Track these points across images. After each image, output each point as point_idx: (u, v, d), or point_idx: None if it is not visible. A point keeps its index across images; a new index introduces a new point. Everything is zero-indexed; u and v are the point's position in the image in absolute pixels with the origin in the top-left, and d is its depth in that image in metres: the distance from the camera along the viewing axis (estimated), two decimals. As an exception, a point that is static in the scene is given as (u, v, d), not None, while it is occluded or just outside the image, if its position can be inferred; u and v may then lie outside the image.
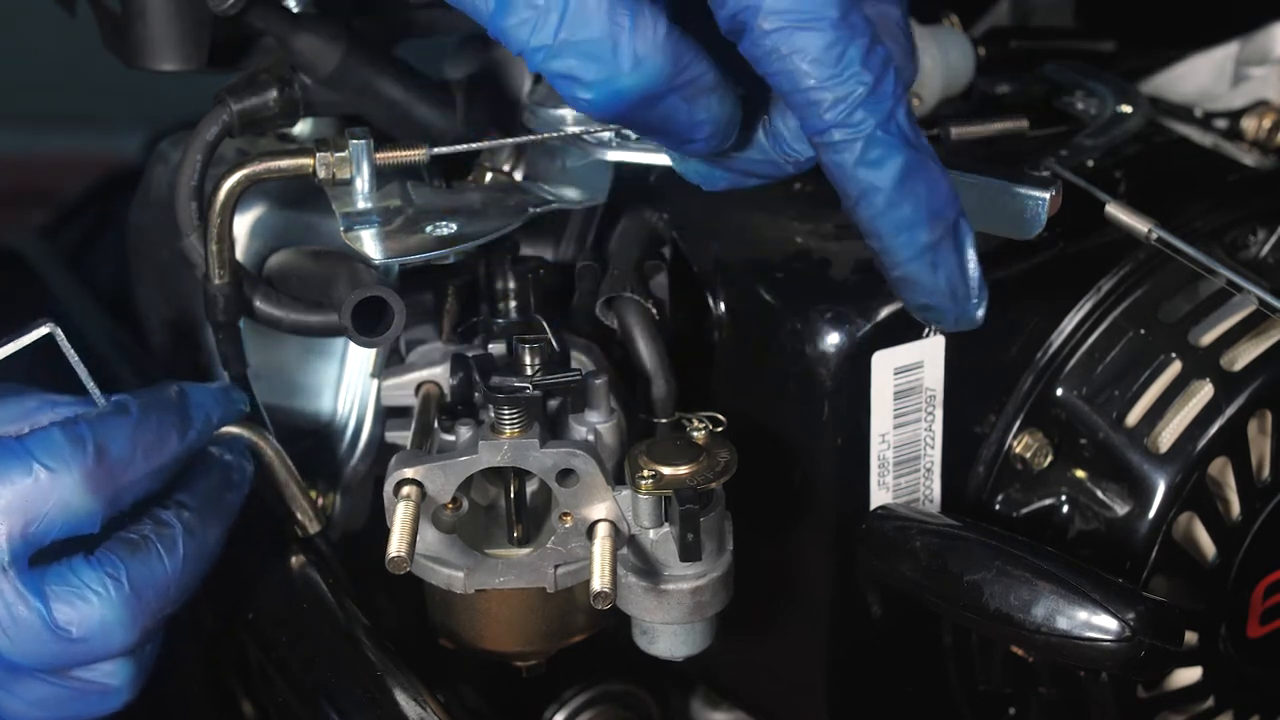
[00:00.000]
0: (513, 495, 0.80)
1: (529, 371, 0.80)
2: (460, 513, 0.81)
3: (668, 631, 0.81)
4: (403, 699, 0.84)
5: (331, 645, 0.86)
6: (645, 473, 0.78)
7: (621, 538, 0.78)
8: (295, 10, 0.89)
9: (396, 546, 0.74)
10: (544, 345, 0.81)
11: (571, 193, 0.89)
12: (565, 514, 0.79)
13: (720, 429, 0.81)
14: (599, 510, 0.78)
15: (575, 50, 0.68)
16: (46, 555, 0.73)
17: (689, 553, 0.77)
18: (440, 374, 0.87)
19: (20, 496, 0.72)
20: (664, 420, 0.85)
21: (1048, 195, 0.82)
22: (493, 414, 0.78)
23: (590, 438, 0.82)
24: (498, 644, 0.85)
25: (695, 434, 0.80)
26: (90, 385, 0.78)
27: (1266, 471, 0.87)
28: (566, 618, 0.85)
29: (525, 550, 0.81)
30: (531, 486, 0.82)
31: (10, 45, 1.86)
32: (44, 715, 0.76)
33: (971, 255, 0.74)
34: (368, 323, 0.80)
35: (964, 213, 0.73)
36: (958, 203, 0.73)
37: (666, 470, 0.78)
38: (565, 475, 0.78)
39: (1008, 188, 0.83)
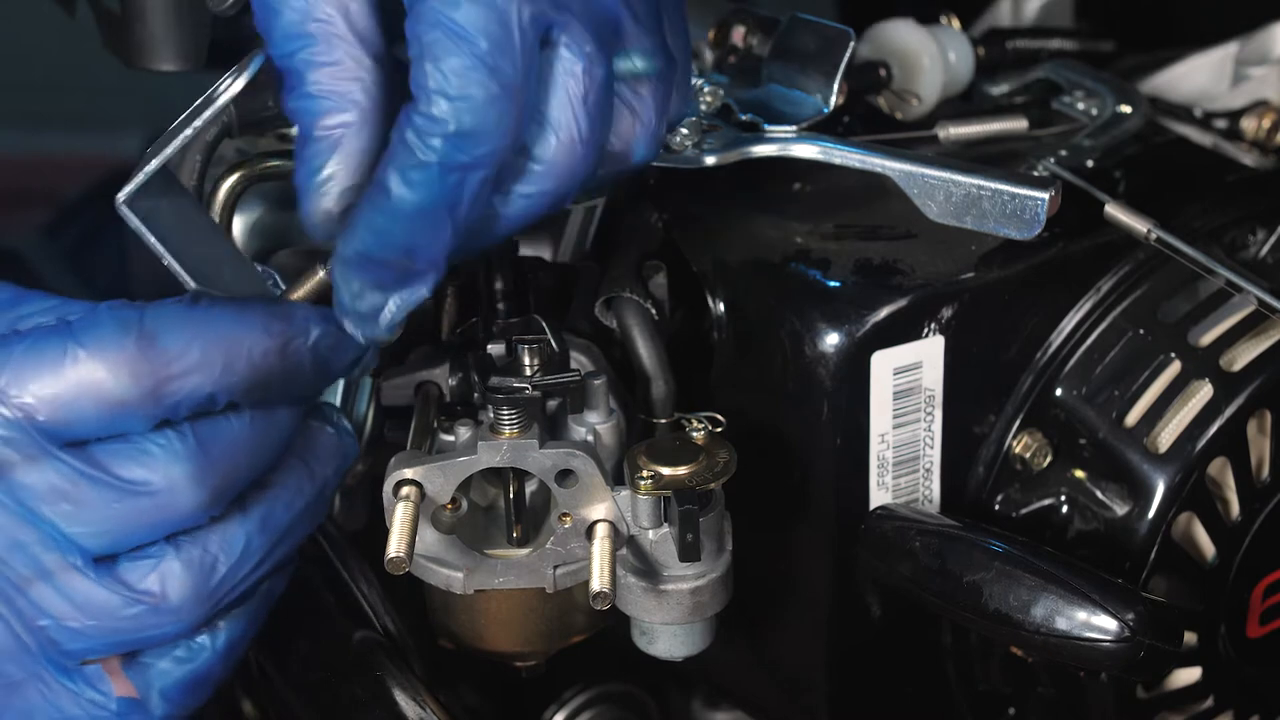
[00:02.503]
0: (512, 496, 0.80)
1: (528, 372, 0.80)
2: (459, 513, 0.81)
3: (667, 632, 0.81)
4: (402, 699, 0.84)
5: (331, 645, 0.86)
6: (644, 473, 0.78)
7: (621, 538, 0.78)
8: (294, 10, 0.89)
9: (395, 547, 0.74)
10: (543, 346, 0.81)
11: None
12: (564, 514, 0.79)
13: (719, 429, 0.81)
14: (598, 511, 0.78)
15: None
16: None
17: (688, 553, 0.77)
18: (439, 374, 0.87)
19: (52, 375, 0.67)
20: (663, 420, 0.85)
21: (1047, 195, 0.82)
22: (492, 414, 0.78)
23: (589, 438, 0.82)
24: (497, 644, 0.85)
25: (694, 434, 0.80)
26: (174, 266, 0.73)
27: (1266, 472, 0.87)
28: (566, 618, 0.85)
29: (524, 551, 0.81)
30: (531, 487, 0.82)
31: (10, 45, 1.87)
32: (98, 628, 0.70)
33: (406, 304, 0.72)
34: None
35: (435, 275, 0.72)
36: (439, 269, 0.71)
37: (666, 471, 0.78)
38: (564, 476, 0.78)
39: (1006, 188, 0.83)
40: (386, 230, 0.70)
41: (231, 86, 0.72)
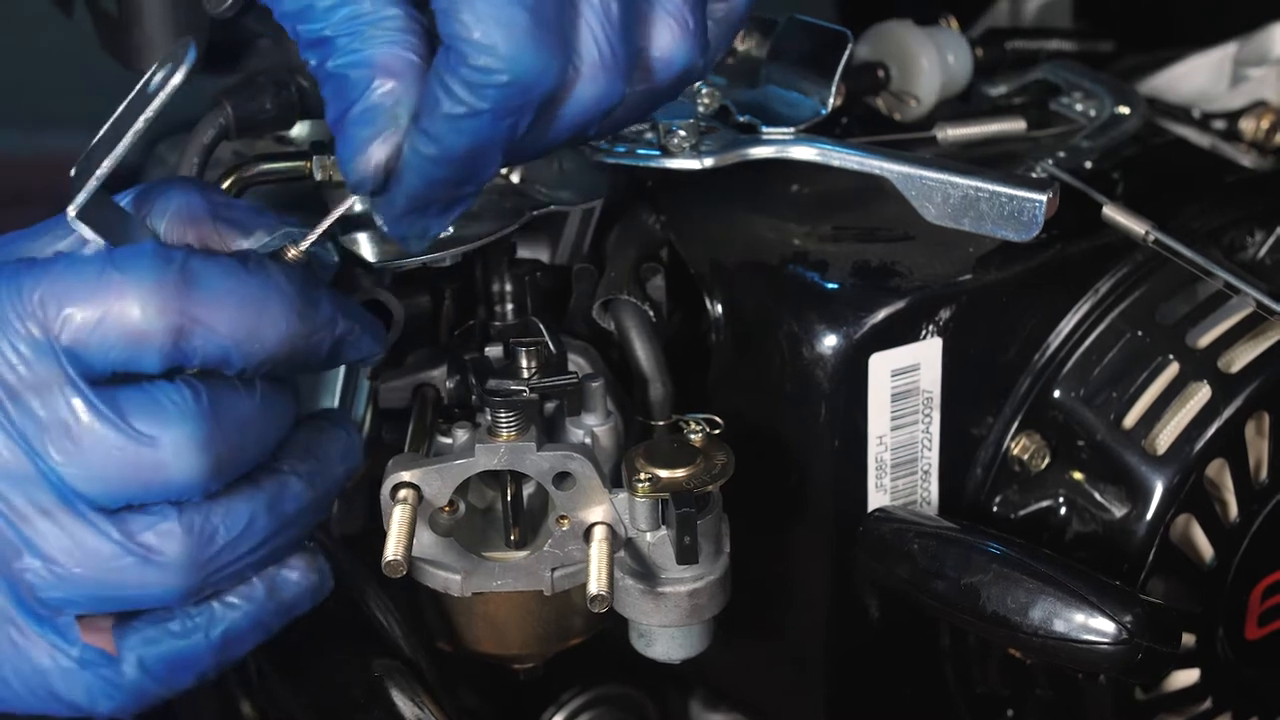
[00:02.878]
0: (510, 498, 0.80)
1: (526, 374, 0.80)
2: (457, 516, 0.81)
3: (665, 634, 0.81)
4: (401, 700, 0.84)
5: (329, 647, 0.86)
6: (642, 475, 0.77)
7: (618, 540, 0.78)
8: (292, 13, 0.89)
9: (393, 550, 0.74)
10: (541, 348, 0.81)
11: (568, 195, 0.89)
12: (562, 517, 0.79)
13: (717, 431, 0.81)
14: (596, 513, 0.78)
15: None
16: None
17: (686, 555, 0.77)
18: (437, 376, 0.87)
19: (84, 295, 0.66)
20: (661, 423, 0.85)
21: (1044, 197, 0.82)
22: (489, 417, 0.78)
23: (587, 440, 0.82)
24: (495, 647, 0.85)
25: (692, 436, 0.80)
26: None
27: (1264, 473, 0.87)
28: (564, 620, 0.85)
29: (522, 553, 0.81)
30: (529, 489, 0.82)
31: (10, 45, 1.86)
32: (90, 580, 0.68)
33: (453, 215, 0.72)
34: None
35: (480, 189, 0.71)
36: (485, 184, 0.71)
37: (663, 473, 0.78)
38: (562, 478, 0.78)
39: (1004, 190, 0.83)
40: (440, 176, 0.69)
41: (169, 81, 0.69)
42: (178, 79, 0.69)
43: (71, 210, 0.69)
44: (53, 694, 0.71)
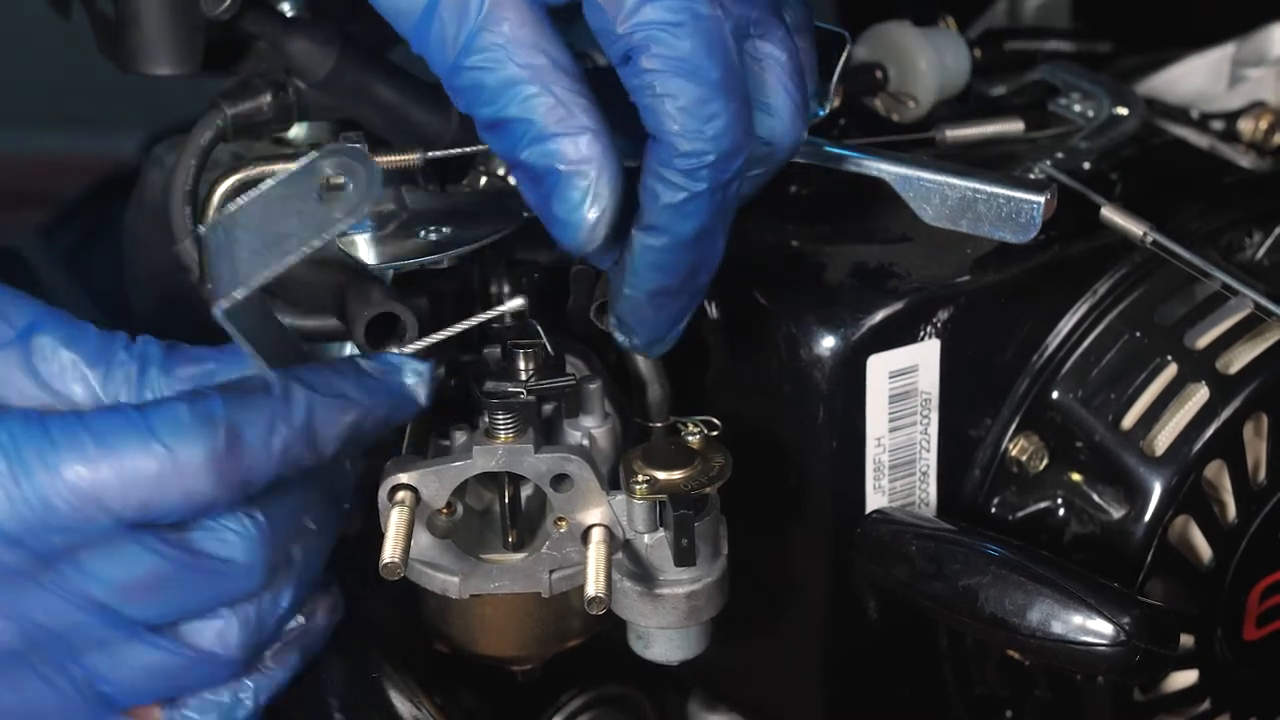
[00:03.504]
0: (507, 500, 0.80)
1: (523, 376, 0.80)
2: (455, 518, 0.81)
3: (663, 636, 0.81)
4: (399, 701, 0.84)
5: (328, 647, 0.86)
6: (640, 477, 0.77)
7: (616, 543, 0.78)
8: (289, 14, 0.89)
9: (390, 552, 0.74)
10: (538, 350, 0.81)
11: (566, 196, 0.88)
12: (560, 519, 0.79)
13: (715, 433, 0.81)
14: (594, 515, 0.78)
15: None
16: None
17: (684, 558, 0.77)
18: (435, 378, 0.86)
19: (136, 476, 0.66)
20: (659, 424, 0.85)
21: (1042, 199, 0.82)
22: (487, 419, 0.78)
23: (585, 442, 0.82)
24: (493, 649, 0.85)
25: (690, 438, 0.80)
26: (262, 365, 0.71)
27: (1263, 474, 0.87)
28: (562, 623, 0.85)
29: (520, 555, 0.80)
30: (526, 491, 0.82)
31: (10, 45, 1.87)
32: (152, 685, 0.71)
33: (691, 312, 0.78)
34: (378, 335, 0.80)
35: (713, 275, 0.76)
36: (716, 268, 0.76)
37: (661, 475, 0.78)
38: (560, 480, 0.77)
39: (1002, 191, 0.83)
40: (673, 263, 0.74)
41: (353, 208, 0.69)
42: (366, 206, 0.69)
43: (220, 309, 0.69)
44: None
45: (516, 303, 0.79)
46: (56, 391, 0.72)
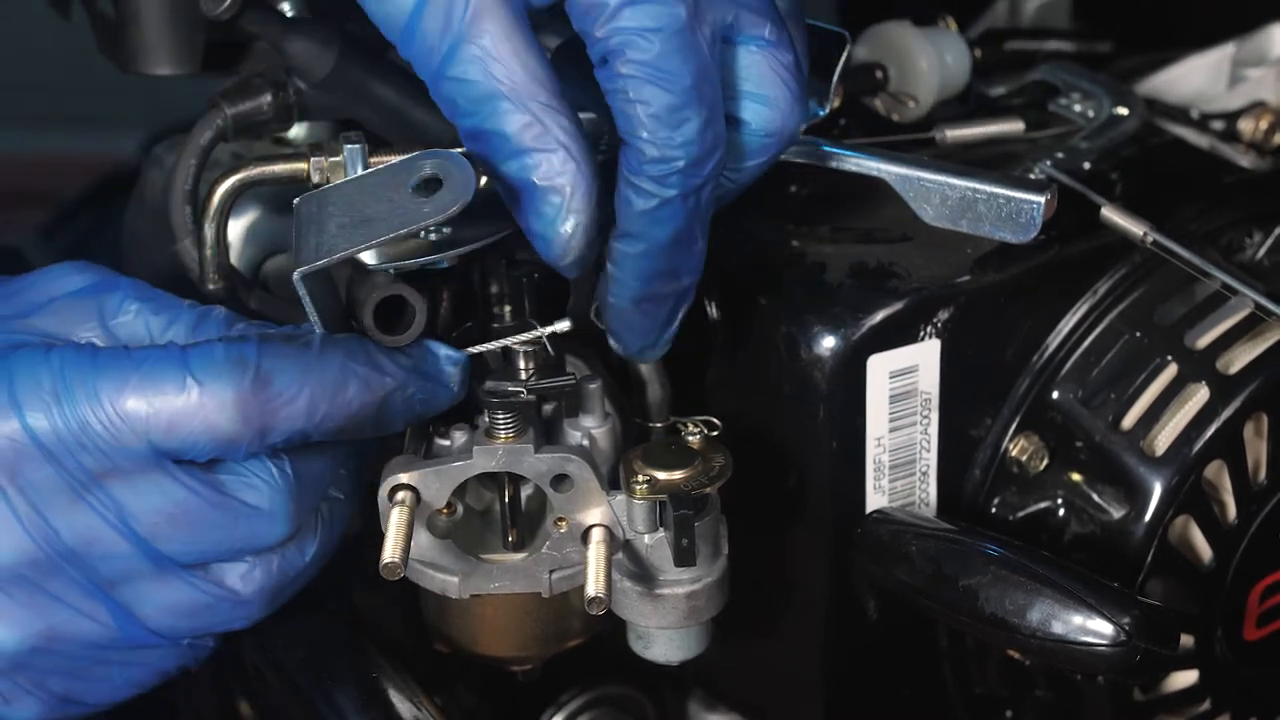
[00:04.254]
0: (507, 500, 0.80)
1: (523, 376, 0.80)
2: (455, 518, 0.81)
3: (663, 636, 0.81)
4: (399, 701, 0.84)
5: (328, 647, 0.86)
6: (640, 477, 0.78)
7: (616, 543, 0.78)
8: (289, 14, 0.89)
9: (390, 552, 0.74)
10: (538, 350, 0.81)
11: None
12: (560, 519, 0.79)
13: (715, 433, 0.81)
14: (594, 515, 0.78)
15: None
16: None
17: (684, 558, 0.77)
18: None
19: (167, 406, 0.70)
20: (659, 424, 0.85)
21: (1042, 199, 0.82)
22: (487, 419, 0.78)
23: (585, 442, 0.82)
24: (493, 649, 0.85)
25: (690, 438, 0.80)
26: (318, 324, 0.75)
27: (1263, 474, 0.87)
28: (562, 623, 0.85)
29: (520, 555, 0.80)
30: (526, 491, 0.82)
31: (10, 46, 1.87)
32: (175, 623, 0.75)
33: (680, 315, 0.79)
34: (387, 322, 0.80)
35: (697, 279, 0.78)
36: (700, 270, 0.77)
37: (661, 475, 0.78)
38: (560, 480, 0.77)
39: (1002, 191, 0.83)
40: (653, 269, 0.76)
41: (447, 205, 0.72)
42: (456, 208, 0.72)
43: (297, 274, 0.73)
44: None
45: (563, 325, 0.80)
46: (119, 337, 0.76)
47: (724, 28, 0.74)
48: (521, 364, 0.80)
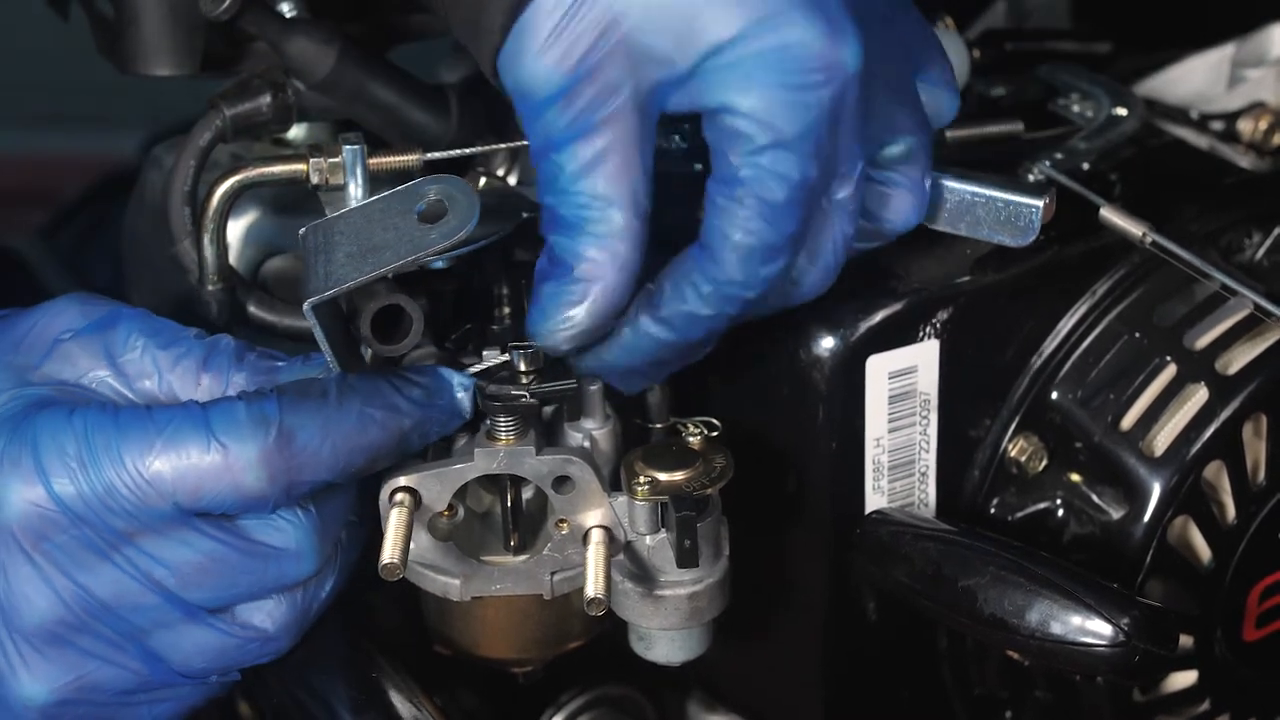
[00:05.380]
0: (509, 502, 0.80)
1: (525, 380, 0.80)
2: (456, 520, 0.81)
3: (664, 637, 0.81)
4: (399, 702, 0.84)
5: (328, 648, 0.86)
6: (641, 479, 0.78)
7: (617, 544, 0.78)
8: (288, 15, 0.89)
9: (389, 554, 0.74)
10: (538, 352, 0.81)
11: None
12: (561, 521, 0.79)
13: (716, 434, 0.81)
14: (595, 517, 0.78)
15: None
16: None
17: (685, 559, 0.77)
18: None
19: (193, 469, 0.71)
20: (659, 426, 0.85)
21: (1041, 203, 0.82)
22: (488, 421, 0.78)
23: (586, 444, 0.82)
24: (494, 651, 0.85)
25: (691, 439, 0.80)
26: (333, 362, 0.76)
27: (1262, 475, 0.87)
28: (563, 624, 0.85)
29: (521, 557, 0.80)
30: (527, 493, 0.82)
31: (10, 46, 1.86)
32: (206, 664, 0.76)
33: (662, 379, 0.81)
34: (384, 331, 0.80)
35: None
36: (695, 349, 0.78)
37: (662, 476, 0.78)
38: (561, 482, 0.78)
39: (1001, 195, 0.83)
40: (672, 355, 0.77)
41: (453, 233, 0.74)
42: (462, 234, 0.73)
43: (307, 305, 0.73)
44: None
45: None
46: (128, 375, 0.76)
47: (827, 182, 0.74)
48: (523, 367, 0.80)
